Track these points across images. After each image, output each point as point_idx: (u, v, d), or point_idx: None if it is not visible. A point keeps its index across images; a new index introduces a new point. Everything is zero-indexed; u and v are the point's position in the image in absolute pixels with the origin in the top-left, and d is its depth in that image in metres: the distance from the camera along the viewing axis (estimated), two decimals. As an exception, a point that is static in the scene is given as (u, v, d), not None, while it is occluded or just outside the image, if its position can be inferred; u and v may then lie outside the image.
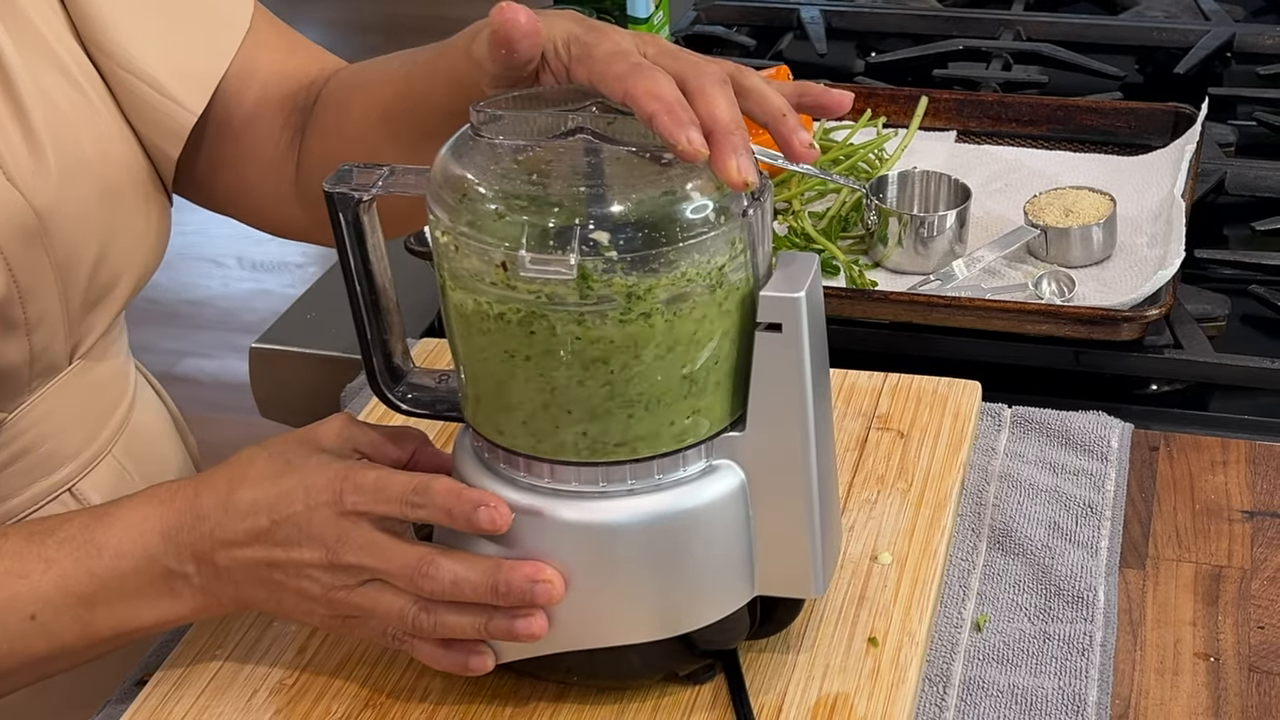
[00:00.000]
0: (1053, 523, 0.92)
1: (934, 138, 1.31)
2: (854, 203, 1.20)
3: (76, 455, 0.93)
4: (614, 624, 0.76)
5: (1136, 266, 1.13)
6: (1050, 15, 1.58)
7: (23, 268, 0.83)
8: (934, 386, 1.00)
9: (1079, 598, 0.86)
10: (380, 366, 0.82)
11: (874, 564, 0.86)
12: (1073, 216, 1.14)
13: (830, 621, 0.82)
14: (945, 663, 0.82)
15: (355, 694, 0.80)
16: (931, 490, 0.91)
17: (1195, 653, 0.84)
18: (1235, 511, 0.94)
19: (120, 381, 0.97)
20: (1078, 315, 1.05)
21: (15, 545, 0.77)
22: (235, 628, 0.84)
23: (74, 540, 0.76)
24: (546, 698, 0.79)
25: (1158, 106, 1.30)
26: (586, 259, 0.69)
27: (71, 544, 0.76)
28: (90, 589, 0.76)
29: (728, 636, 0.79)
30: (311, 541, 0.74)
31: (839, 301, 1.08)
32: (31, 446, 0.90)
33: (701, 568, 0.75)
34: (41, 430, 0.90)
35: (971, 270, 1.13)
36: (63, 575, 0.76)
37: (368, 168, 0.78)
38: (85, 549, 0.76)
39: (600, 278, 0.69)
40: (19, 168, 0.83)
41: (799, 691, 0.78)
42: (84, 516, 0.78)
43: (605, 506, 0.74)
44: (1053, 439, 0.99)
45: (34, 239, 0.84)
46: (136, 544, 0.76)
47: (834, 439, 0.79)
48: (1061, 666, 0.82)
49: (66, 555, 0.76)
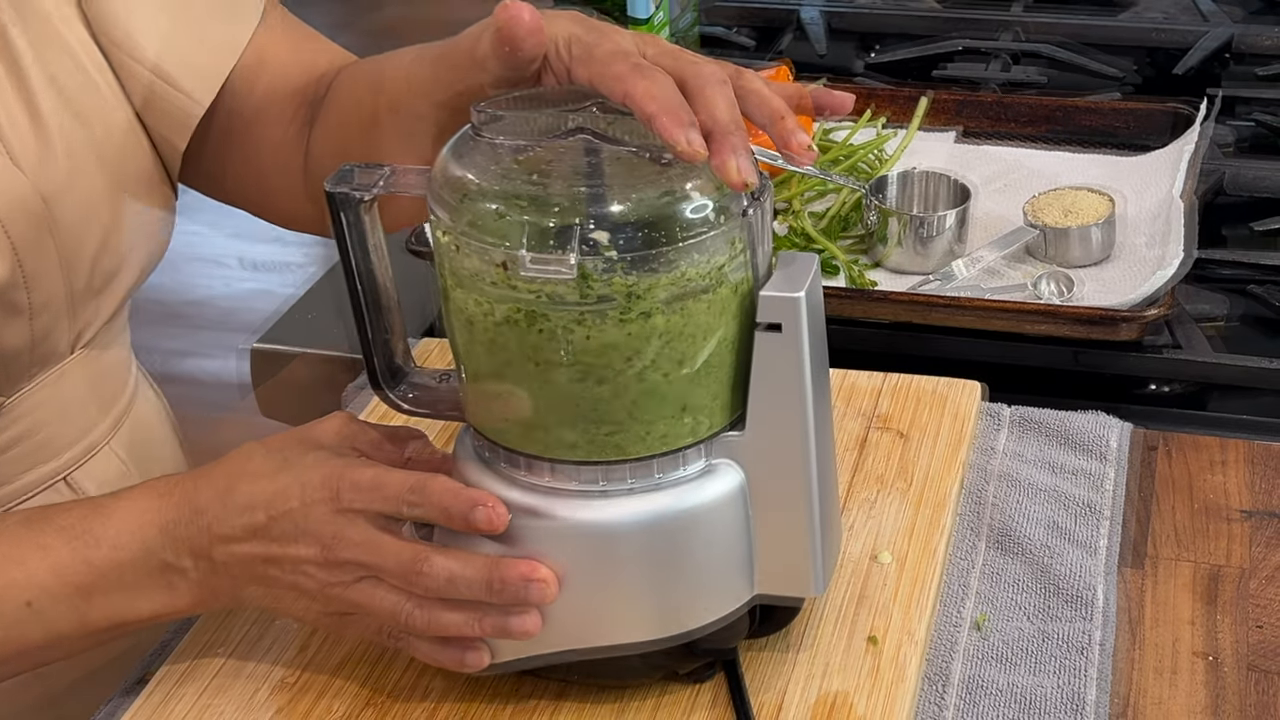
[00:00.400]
0: (1052, 522, 0.92)
1: (934, 138, 1.31)
2: (854, 203, 1.20)
3: (74, 444, 0.93)
4: (614, 623, 0.76)
5: (1136, 266, 1.13)
6: (1050, 15, 1.58)
7: (28, 252, 0.83)
8: (934, 386, 1.00)
9: (1078, 597, 0.86)
10: (381, 366, 0.82)
11: (874, 563, 0.86)
12: (1072, 216, 1.14)
13: (830, 621, 0.82)
14: (945, 662, 0.82)
15: (356, 693, 0.80)
16: (931, 490, 0.91)
17: (1194, 652, 0.84)
18: (1234, 511, 0.94)
19: (121, 373, 0.97)
20: (1077, 315, 1.05)
21: (13, 531, 0.77)
22: (237, 626, 0.84)
23: (72, 529, 0.77)
24: (547, 697, 0.79)
25: (1157, 106, 1.30)
26: (586, 259, 0.69)
27: (69, 533, 0.76)
28: (87, 579, 0.76)
29: (727, 636, 0.78)
30: (307, 538, 0.74)
31: (839, 301, 1.08)
32: (29, 433, 0.90)
33: (701, 567, 0.75)
34: (39, 417, 0.90)
35: (971, 270, 1.13)
36: (59, 564, 0.76)
37: (369, 168, 0.78)
38: (83, 539, 0.76)
39: (600, 277, 0.69)
40: (26, 153, 0.83)
41: (799, 691, 0.79)
42: (82, 507, 0.78)
43: (605, 506, 0.74)
44: (1052, 439, 0.98)
45: (40, 224, 0.84)
46: (134, 536, 0.76)
47: (834, 439, 0.79)
48: (1060, 666, 0.82)
49: (64, 544, 0.76)
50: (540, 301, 0.70)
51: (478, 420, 0.77)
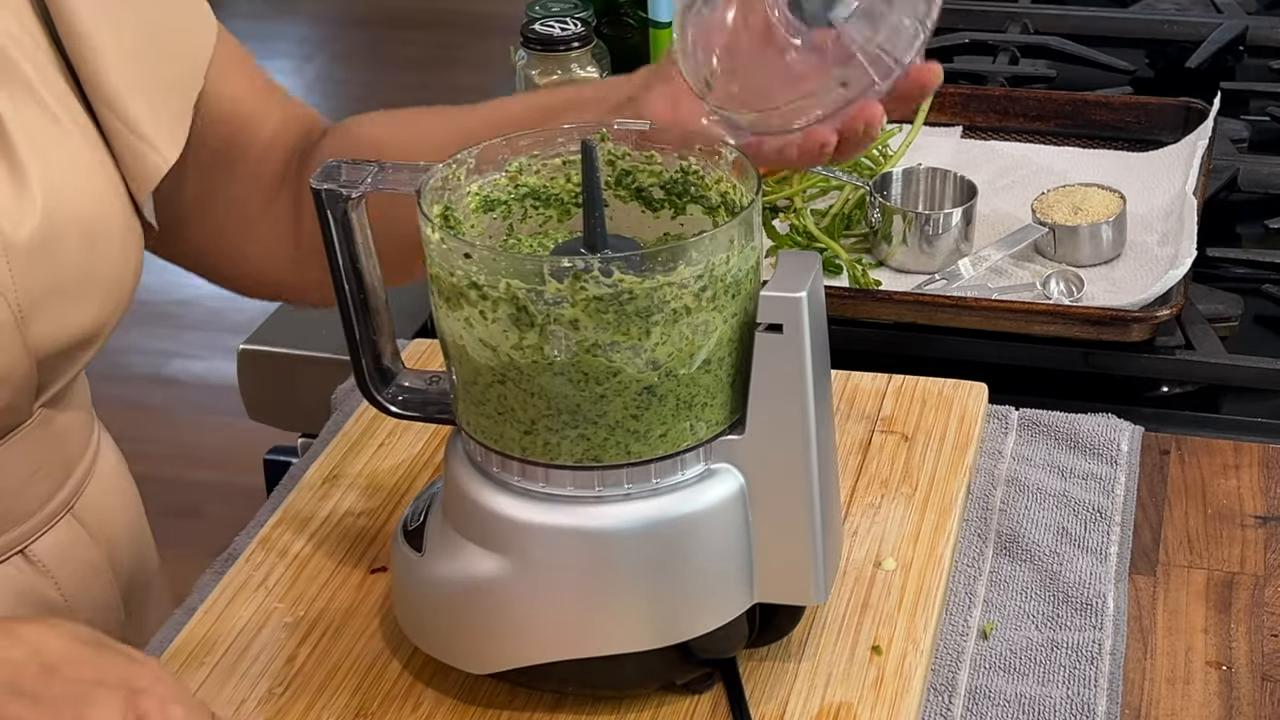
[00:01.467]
0: (1061, 528, 0.91)
1: (939, 133, 1.29)
2: (857, 200, 1.19)
3: (32, 515, 0.87)
4: (609, 632, 0.75)
5: (1147, 265, 1.12)
6: (1059, 8, 1.57)
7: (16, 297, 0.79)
8: (939, 388, 0.99)
9: (1088, 605, 0.85)
10: (369, 368, 0.80)
11: (878, 570, 0.85)
12: (1081, 214, 1.14)
13: (833, 629, 0.81)
14: (951, 671, 0.82)
15: (346, 703, 0.79)
16: (937, 494, 0.90)
17: (1207, 661, 0.83)
18: (1248, 517, 0.93)
19: (84, 431, 0.91)
20: (1086, 315, 1.04)
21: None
22: (223, 636, 0.83)
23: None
24: (541, 709, 0.78)
25: (1169, 101, 1.29)
26: (581, 259, 0.68)
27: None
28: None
29: (726, 645, 0.77)
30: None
31: (842, 301, 1.07)
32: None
33: (699, 574, 0.74)
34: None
35: (978, 269, 1.12)
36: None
37: (356, 164, 0.77)
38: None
39: (596, 278, 0.68)
40: (4, 207, 0.79)
41: (800, 701, 0.77)
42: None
43: (601, 512, 0.73)
44: (1061, 442, 0.97)
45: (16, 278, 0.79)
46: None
47: (835, 441, 0.78)
48: (1070, 675, 0.81)
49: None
50: (535, 301, 0.68)
51: (470, 424, 0.75)
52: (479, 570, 0.75)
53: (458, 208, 0.76)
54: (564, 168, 0.77)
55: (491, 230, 0.77)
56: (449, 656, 0.78)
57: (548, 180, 0.77)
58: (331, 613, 0.84)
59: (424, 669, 0.80)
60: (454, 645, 0.78)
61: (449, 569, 0.76)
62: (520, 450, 0.73)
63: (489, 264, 0.69)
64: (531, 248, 0.77)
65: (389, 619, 0.83)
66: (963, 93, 1.33)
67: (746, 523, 0.75)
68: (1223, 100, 1.25)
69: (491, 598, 0.75)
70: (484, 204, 0.77)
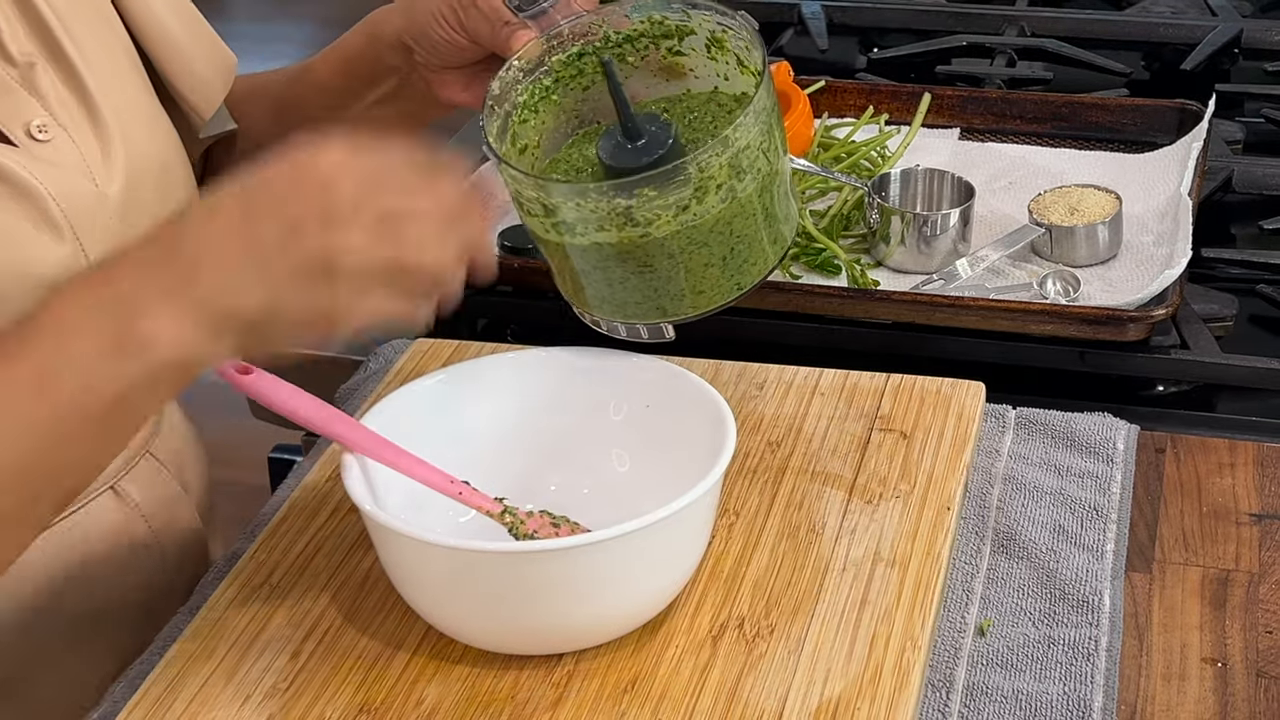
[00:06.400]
0: (1057, 526, 0.91)
1: (937, 135, 1.29)
2: (855, 201, 1.19)
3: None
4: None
5: (1143, 265, 1.12)
6: (1055, 10, 1.57)
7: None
8: (937, 387, 0.99)
9: (1084, 602, 0.85)
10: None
11: (876, 567, 0.85)
12: (1078, 215, 1.14)
13: (831, 625, 0.81)
14: (948, 668, 0.82)
15: (350, 699, 0.79)
16: (934, 493, 0.90)
17: (1202, 658, 0.83)
18: (1243, 515, 0.93)
19: None
20: (1083, 315, 1.04)
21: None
22: (227, 633, 0.83)
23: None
24: (544, 703, 0.78)
25: (1164, 103, 1.29)
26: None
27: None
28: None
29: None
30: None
31: (841, 301, 1.07)
32: None
33: None
34: None
35: (975, 270, 1.12)
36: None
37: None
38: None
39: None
40: (95, 165, 0.86)
41: (799, 697, 0.78)
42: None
43: None
44: (1057, 441, 0.98)
45: (113, 232, 0.86)
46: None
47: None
48: (1066, 672, 0.81)
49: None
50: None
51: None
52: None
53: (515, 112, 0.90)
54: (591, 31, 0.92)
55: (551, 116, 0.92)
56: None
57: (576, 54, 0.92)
58: (335, 609, 0.84)
59: (427, 665, 0.80)
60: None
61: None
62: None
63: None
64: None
65: (392, 615, 0.83)
66: (960, 95, 1.33)
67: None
68: (1218, 102, 1.25)
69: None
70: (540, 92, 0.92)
